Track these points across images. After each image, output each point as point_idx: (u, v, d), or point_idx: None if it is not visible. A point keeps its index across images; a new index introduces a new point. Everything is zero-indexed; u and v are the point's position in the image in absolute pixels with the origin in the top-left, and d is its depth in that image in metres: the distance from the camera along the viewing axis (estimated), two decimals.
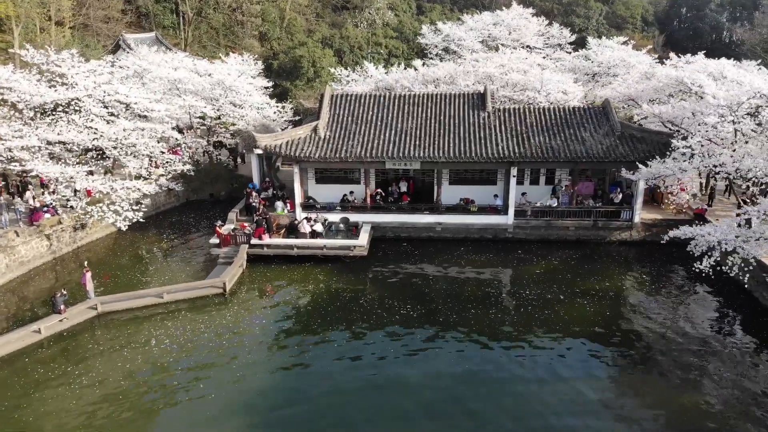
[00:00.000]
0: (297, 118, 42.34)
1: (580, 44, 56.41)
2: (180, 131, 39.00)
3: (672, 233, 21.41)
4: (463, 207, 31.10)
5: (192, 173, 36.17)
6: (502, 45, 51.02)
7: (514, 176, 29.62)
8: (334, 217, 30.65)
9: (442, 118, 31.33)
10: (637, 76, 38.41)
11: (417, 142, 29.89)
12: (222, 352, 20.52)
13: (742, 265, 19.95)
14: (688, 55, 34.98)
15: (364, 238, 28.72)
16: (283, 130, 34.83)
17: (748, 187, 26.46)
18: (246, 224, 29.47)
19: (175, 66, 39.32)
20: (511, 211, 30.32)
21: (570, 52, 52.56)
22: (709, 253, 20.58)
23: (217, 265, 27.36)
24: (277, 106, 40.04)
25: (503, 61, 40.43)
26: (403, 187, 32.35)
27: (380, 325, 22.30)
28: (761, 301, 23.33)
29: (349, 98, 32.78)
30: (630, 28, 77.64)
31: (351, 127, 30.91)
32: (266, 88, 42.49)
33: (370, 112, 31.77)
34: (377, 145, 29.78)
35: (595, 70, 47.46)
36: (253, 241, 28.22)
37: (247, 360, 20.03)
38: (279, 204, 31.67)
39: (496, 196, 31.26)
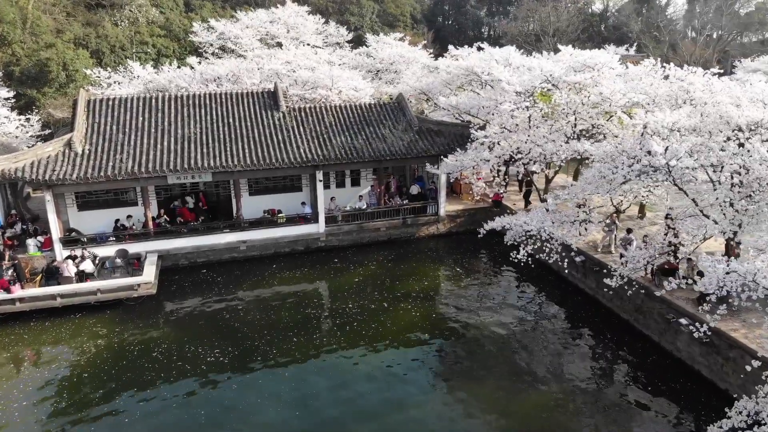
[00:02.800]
0: (47, 131, 34.54)
1: (357, 42, 56.65)
2: None
3: (489, 225, 20.81)
4: (269, 219, 27.63)
5: None
6: (282, 44, 48.42)
7: (320, 181, 27.06)
8: (107, 250, 24.87)
9: (231, 120, 27.41)
10: (419, 70, 38.73)
11: (205, 150, 25.60)
12: None
13: (560, 249, 19.99)
14: (465, 46, 35.97)
15: (149, 272, 23.63)
16: (30, 147, 27.57)
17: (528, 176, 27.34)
18: None
19: None
20: (322, 218, 27.76)
21: (351, 50, 52.16)
22: (526, 242, 20.33)
23: None
24: (19, 119, 32.01)
25: (289, 58, 37.71)
26: (190, 204, 27.67)
27: (183, 381, 17.96)
28: (570, 280, 24.18)
29: (111, 103, 26.98)
30: (401, 25, 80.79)
31: (117, 138, 25.33)
32: (6, 99, 34.29)
33: (141, 118, 26.47)
34: (154, 157, 24.79)
35: (378, 66, 47.65)
36: None
37: None
38: (31, 242, 24.74)
39: (303, 203, 28.41)
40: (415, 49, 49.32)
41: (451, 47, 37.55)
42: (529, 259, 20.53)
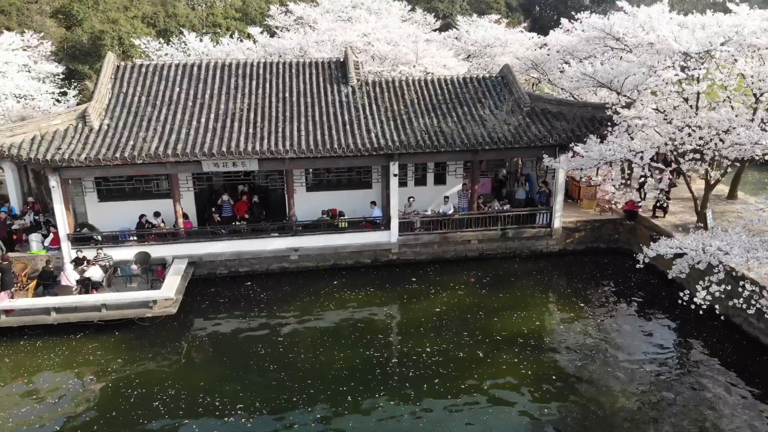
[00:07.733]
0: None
1: (445, 31, 50.74)
2: None
3: (655, 248, 13.61)
4: (329, 223, 21.59)
5: None
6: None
7: (395, 175, 20.62)
8: (126, 252, 19.71)
9: (287, 95, 21.58)
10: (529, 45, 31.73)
11: (251, 131, 19.88)
12: None
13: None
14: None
15: (171, 285, 18.05)
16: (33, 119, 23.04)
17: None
18: None
19: None
20: (395, 223, 21.35)
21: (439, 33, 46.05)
22: (709, 280, 13.07)
23: None
24: (52, 94, 27.98)
25: (367, 30, 31.76)
26: (234, 198, 22.21)
27: None
28: (746, 329, 16.35)
29: (144, 70, 21.84)
30: (495, 12, 73.82)
31: (145, 112, 20.10)
32: (55, 75, 31.19)
33: (177, 89, 21.14)
34: (186, 137, 19.31)
35: (470, 49, 41.19)
36: None
37: None
38: (34, 237, 19.97)
39: (373, 203, 22.07)
40: (515, 31, 42.60)
41: (564, 21, 30.32)
42: (716, 306, 13.20)
